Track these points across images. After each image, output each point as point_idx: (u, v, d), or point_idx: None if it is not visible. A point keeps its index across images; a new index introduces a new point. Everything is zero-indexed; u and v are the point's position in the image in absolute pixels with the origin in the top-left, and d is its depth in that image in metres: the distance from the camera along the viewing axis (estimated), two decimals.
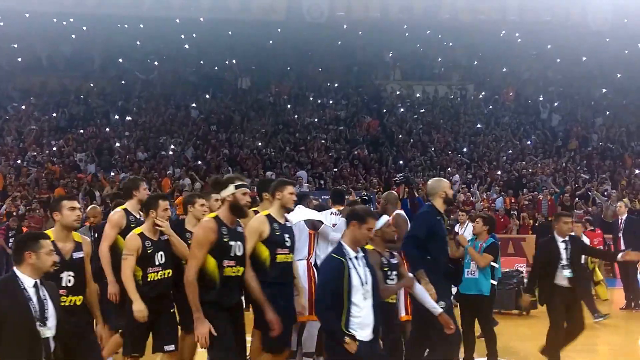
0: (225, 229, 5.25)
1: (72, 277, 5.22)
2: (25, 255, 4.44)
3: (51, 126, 25.62)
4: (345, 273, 4.74)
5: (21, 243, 4.54)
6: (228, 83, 31.46)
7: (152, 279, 5.90)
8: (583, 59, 32.77)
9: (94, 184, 21.08)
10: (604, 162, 25.37)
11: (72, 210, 5.29)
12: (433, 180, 6.97)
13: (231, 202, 5.30)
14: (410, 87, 31.67)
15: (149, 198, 6.32)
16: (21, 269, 4.45)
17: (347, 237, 4.93)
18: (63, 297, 5.09)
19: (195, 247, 5.25)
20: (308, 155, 24.29)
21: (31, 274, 4.46)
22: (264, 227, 5.87)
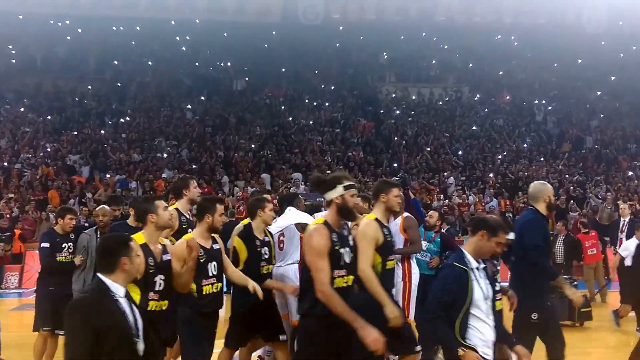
0: (335, 235, 4.72)
1: (162, 280, 5.05)
2: (122, 261, 3.99)
3: (46, 128, 25.51)
4: (470, 284, 4.40)
5: (113, 248, 4.07)
6: (223, 85, 31.41)
7: (207, 292, 5.50)
8: (578, 62, 32.88)
9: (88, 186, 21.03)
10: (599, 165, 25.42)
11: (166, 210, 5.16)
12: (537, 184, 6.56)
13: (340, 204, 4.75)
14: (406, 89, 31.70)
15: (205, 201, 5.91)
16: (112, 277, 3.97)
17: (471, 246, 4.55)
18: (154, 302, 4.94)
19: (315, 258, 4.59)
20: (303, 157, 24.26)
21: (123, 281, 4.04)
22: (379, 233, 5.46)
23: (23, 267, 16.84)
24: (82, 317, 3.78)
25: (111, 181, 21.05)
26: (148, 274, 4.75)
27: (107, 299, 3.90)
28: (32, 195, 19.86)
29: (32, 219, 18.39)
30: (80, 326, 3.75)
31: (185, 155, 24.07)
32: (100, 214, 7.78)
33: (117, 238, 4.19)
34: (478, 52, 32.58)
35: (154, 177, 21.67)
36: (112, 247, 4.06)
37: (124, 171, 22.17)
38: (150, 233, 5.09)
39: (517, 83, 33.11)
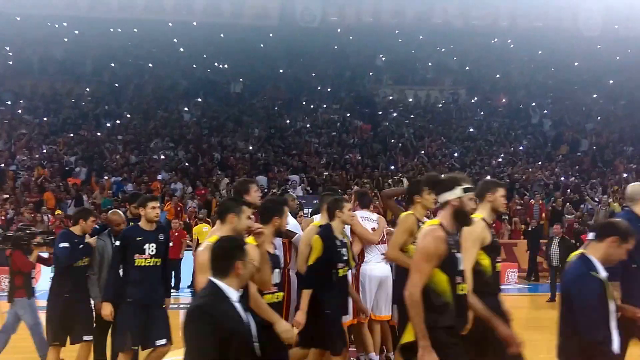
0: (451, 238, 4.45)
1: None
2: (236, 265, 3.88)
3: (42, 130, 25.50)
4: (608, 295, 4.08)
5: (229, 251, 3.94)
6: (221, 87, 31.44)
7: (268, 302, 5.08)
8: (575, 65, 32.95)
9: (84, 188, 21.03)
10: (595, 167, 25.47)
11: (248, 219, 4.96)
12: (636, 186, 6.23)
13: (457, 207, 4.48)
14: (403, 91, 31.77)
15: (272, 202, 5.59)
16: (226, 281, 3.85)
17: (600, 252, 4.20)
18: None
19: (422, 259, 4.35)
20: (300, 159, 24.28)
21: (237, 286, 3.90)
22: (486, 232, 5.20)
23: None
24: (207, 323, 3.67)
25: (107, 183, 21.04)
26: None
27: (225, 304, 3.80)
28: (27, 197, 19.84)
29: (27, 221, 18.35)
30: (207, 333, 3.65)
31: (182, 157, 24.07)
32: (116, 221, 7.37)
33: (233, 241, 4.07)
34: (475, 55, 32.66)
35: (149, 179, 21.69)
36: (227, 250, 3.96)
37: (120, 173, 22.18)
38: (226, 233, 4.74)
39: (514, 86, 33.20)
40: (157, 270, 6.68)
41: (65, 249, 7.01)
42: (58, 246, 7.05)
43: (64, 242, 7.04)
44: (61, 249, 7.02)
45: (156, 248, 6.63)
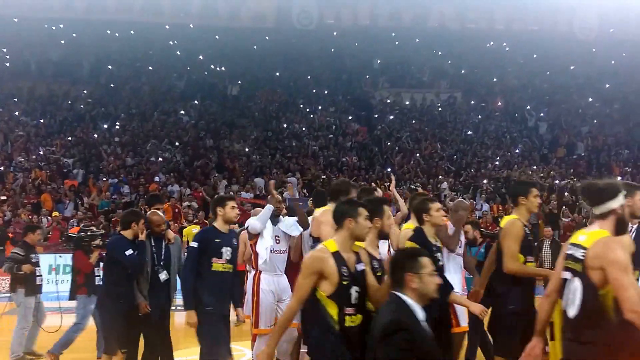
0: None
1: (358, 292, 4.39)
2: (407, 277, 3.71)
3: (39, 131, 25.50)
4: None
5: (399, 262, 3.82)
6: (217, 89, 31.46)
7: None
8: (570, 68, 33.09)
9: (82, 189, 21.04)
10: (591, 170, 25.56)
11: (366, 220, 4.52)
12: None
13: (621, 215, 4.16)
14: (399, 94, 31.82)
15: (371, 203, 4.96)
16: (405, 292, 3.73)
17: None
18: (349, 317, 4.27)
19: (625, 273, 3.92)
20: (297, 162, 24.33)
21: (418, 300, 3.71)
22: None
23: None
24: (407, 342, 3.52)
25: (105, 185, 21.07)
26: (342, 286, 4.23)
27: (414, 321, 3.64)
28: (25, 198, 19.85)
29: (24, 223, 18.36)
30: (406, 353, 3.51)
31: (179, 159, 24.09)
32: (157, 222, 6.98)
33: (406, 252, 3.95)
34: (471, 59, 32.75)
35: (145, 181, 21.73)
36: (399, 260, 3.84)
37: (117, 175, 22.19)
38: (344, 239, 4.45)
39: (510, 89, 33.29)
40: (230, 277, 6.28)
41: (133, 256, 6.63)
42: (124, 254, 6.60)
43: (128, 249, 6.65)
44: (130, 257, 6.63)
45: (231, 253, 6.23)
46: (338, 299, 4.25)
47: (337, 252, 4.32)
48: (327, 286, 4.21)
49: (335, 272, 4.20)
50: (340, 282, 4.24)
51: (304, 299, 4.30)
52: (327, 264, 4.21)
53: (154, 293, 6.76)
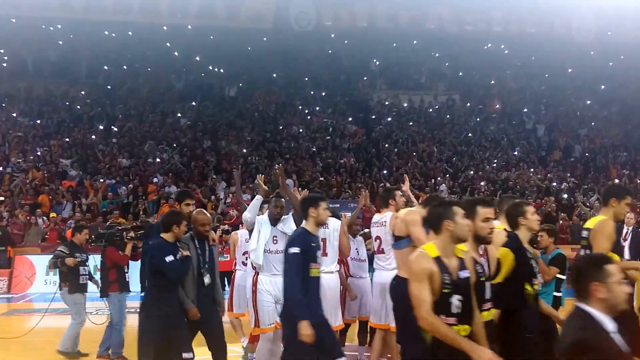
0: None
1: (460, 301, 4.17)
2: (592, 287, 3.46)
3: (36, 132, 25.48)
4: None
5: (583, 270, 3.56)
6: (215, 90, 31.47)
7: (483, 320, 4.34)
8: (568, 71, 33.16)
9: (80, 190, 21.02)
10: (587, 173, 25.63)
11: (465, 219, 4.34)
12: None
13: None
14: (397, 96, 31.85)
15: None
16: (591, 304, 3.48)
17: None
18: (453, 328, 4.08)
19: None
20: (295, 163, 24.33)
21: (606, 311, 3.46)
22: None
23: (12, 272, 16.80)
24: None
25: (103, 185, 21.06)
26: (442, 294, 4.04)
27: (603, 337, 3.39)
28: (23, 199, 19.83)
29: (21, 223, 18.37)
30: None
31: (177, 161, 24.09)
32: (202, 221, 6.68)
33: (590, 259, 3.66)
34: (468, 61, 32.78)
35: (144, 181, 21.73)
36: (582, 269, 3.57)
37: (114, 176, 22.18)
38: (445, 244, 4.26)
39: (507, 91, 33.33)
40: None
41: (174, 262, 6.31)
42: (165, 261, 6.27)
43: (169, 255, 6.32)
44: (170, 264, 6.29)
45: (320, 257, 6.05)
46: (436, 307, 4.06)
47: (438, 258, 4.14)
48: None
49: (437, 279, 4.03)
50: (440, 290, 4.06)
51: (430, 305, 4.04)
52: (431, 270, 4.06)
53: (198, 298, 6.47)
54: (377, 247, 7.35)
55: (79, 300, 8.68)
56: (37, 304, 15.02)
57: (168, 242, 6.42)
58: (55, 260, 8.77)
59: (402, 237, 6.00)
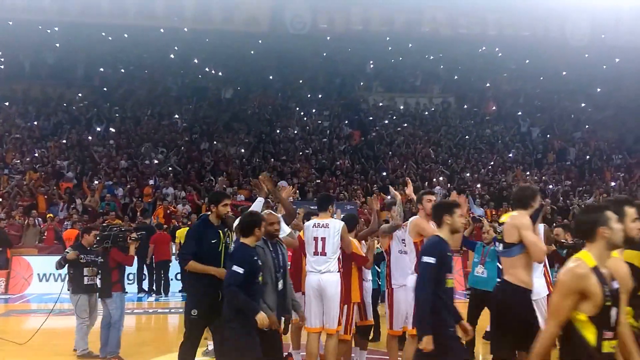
0: None
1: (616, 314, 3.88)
2: None
3: (33, 134, 25.53)
4: None
5: None
6: (211, 93, 31.55)
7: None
8: (562, 74, 33.32)
9: (76, 191, 21.07)
10: (583, 176, 25.78)
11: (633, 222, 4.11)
12: None
13: None
14: (392, 98, 31.98)
15: None
16: None
17: None
18: (608, 342, 3.82)
19: None
20: (291, 165, 24.43)
21: None
22: None
23: (9, 273, 16.85)
24: None
25: (99, 187, 21.12)
26: (604, 308, 3.73)
27: None
28: (20, 200, 19.87)
29: (18, 225, 18.42)
30: None
31: (174, 162, 24.16)
32: (272, 220, 6.38)
33: None
34: (463, 64, 32.94)
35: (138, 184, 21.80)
36: None
37: (111, 177, 22.25)
38: (601, 252, 3.93)
39: (502, 94, 33.50)
40: None
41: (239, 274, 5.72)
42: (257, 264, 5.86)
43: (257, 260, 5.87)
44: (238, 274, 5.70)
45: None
46: (598, 321, 3.79)
47: (596, 268, 3.83)
48: (588, 307, 3.75)
49: (598, 292, 3.73)
50: (603, 304, 3.76)
51: (564, 322, 3.82)
52: (590, 282, 3.74)
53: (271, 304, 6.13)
54: None
55: (82, 301, 8.76)
56: (34, 304, 15.10)
57: (250, 247, 5.88)
58: (59, 261, 8.88)
59: (514, 243, 5.64)
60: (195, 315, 6.30)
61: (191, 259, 6.39)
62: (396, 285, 7.16)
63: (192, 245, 6.46)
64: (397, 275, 7.22)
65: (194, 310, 6.32)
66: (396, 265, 7.29)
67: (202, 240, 6.43)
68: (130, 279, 16.51)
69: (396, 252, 7.35)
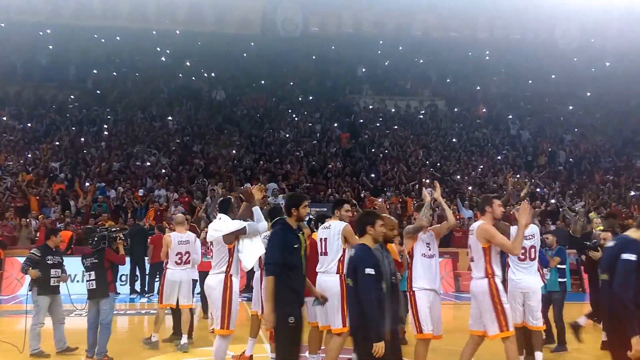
0: None
1: None
2: None
3: (26, 135, 25.53)
4: None
5: None
6: (203, 95, 31.61)
7: None
8: (552, 77, 33.60)
9: (69, 193, 21.10)
10: (572, 178, 25.96)
11: None
12: None
13: None
14: (383, 101, 32.13)
15: None
16: None
17: None
18: None
19: None
20: (282, 167, 24.54)
21: None
22: None
23: (2, 274, 16.89)
24: None
25: (92, 188, 21.17)
26: None
27: None
28: (12, 202, 19.90)
29: (11, 226, 18.45)
30: None
31: (166, 164, 24.22)
32: (392, 224, 6.37)
33: None
34: (454, 67, 33.19)
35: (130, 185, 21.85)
36: None
37: (104, 179, 22.26)
38: None
39: (492, 97, 33.70)
40: None
41: None
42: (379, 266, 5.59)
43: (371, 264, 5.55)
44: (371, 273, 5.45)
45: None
46: None
47: None
48: None
49: None
50: None
51: None
52: None
53: None
54: None
55: (44, 303, 8.84)
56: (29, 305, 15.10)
57: (370, 248, 5.64)
58: (24, 266, 8.91)
59: None
60: (293, 322, 5.91)
61: (279, 270, 5.92)
62: (417, 289, 7.13)
63: (279, 254, 5.98)
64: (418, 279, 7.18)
65: (291, 318, 5.91)
66: (418, 268, 7.23)
67: (287, 248, 6.04)
68: (123, 280, 16.62)
69: (419, 255, 7.28)
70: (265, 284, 5.95)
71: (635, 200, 24.60)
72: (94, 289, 8.56)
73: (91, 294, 8.58)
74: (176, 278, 9.41)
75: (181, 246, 9.51)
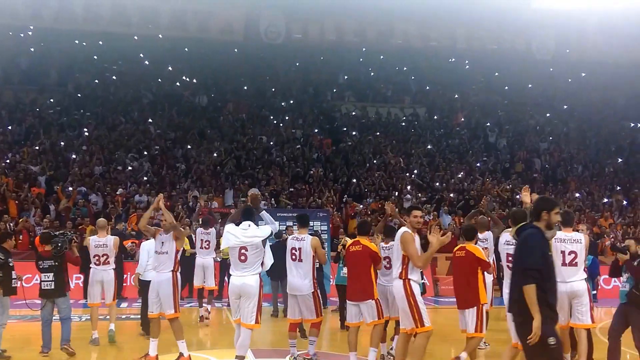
0: None
1: None
2: None
3: (5, 139, 25.41)
4: None
5: None
6: (185, 100, 31.61)
7: None
8: (528, 86, 34.22)
9: (49, 197, 21.05)
10: (547, 186, 26.43)
11: None
12: None
13: None
14: (364, 108, 32.43)
15: None
16: None
17: None
18: None
19: None
20: (265, 172, 24.70)
21: None
22: None
23: None
24: None
25: (73, 193, 21.15)
26: None
27: None
28: None
29: None
30: None
31: (148, 169, 24.26)
32: None
33: None
34: (433, 75, 33.69)
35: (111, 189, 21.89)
36: None
37: (84, 183, 22.22)
38: None
39: (471, 105, 34.18)
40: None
41: None
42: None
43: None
44: None
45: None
46: None
47: None
48: None
49: None
50: None
51: None
52: None
53: None
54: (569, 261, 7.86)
55: (6, 303, 9.22)
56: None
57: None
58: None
59: None
60: (554, 343, 5.22)
61: (538, 277, 5.27)
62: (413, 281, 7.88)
63: (540, 258, 5.36)
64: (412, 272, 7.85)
65: (552, 339, 5.23)
66: None
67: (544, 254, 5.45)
68: None
69: None
70: (526, 293, 5.21)
71: (607, 207, 25.23)
72: (52, 289, 9.27)
73: (48, 293, 9.28)
74: (98, 277, 10.41)
75: (98, 249, 10.44)
